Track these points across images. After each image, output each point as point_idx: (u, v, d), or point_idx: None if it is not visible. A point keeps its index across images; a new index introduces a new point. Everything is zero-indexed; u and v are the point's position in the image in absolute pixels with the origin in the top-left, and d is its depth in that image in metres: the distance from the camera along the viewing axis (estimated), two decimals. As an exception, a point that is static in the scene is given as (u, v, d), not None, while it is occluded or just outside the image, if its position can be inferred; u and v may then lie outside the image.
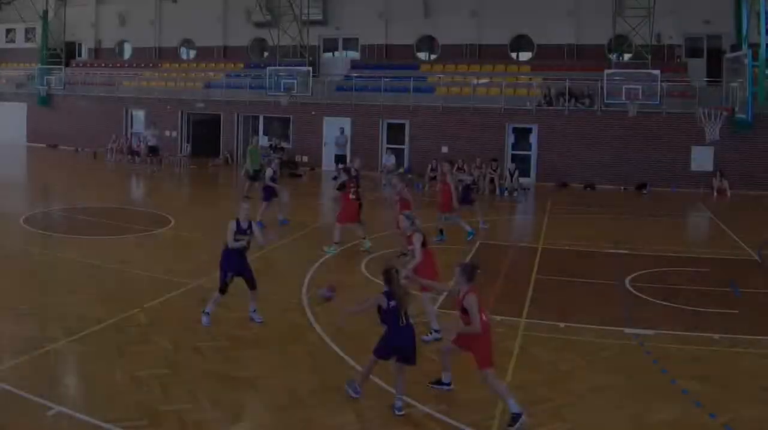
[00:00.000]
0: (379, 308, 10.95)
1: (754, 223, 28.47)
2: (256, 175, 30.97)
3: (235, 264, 14.48)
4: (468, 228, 23.23)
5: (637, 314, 15.92)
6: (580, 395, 11.54)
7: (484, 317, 10.81)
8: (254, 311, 14.88)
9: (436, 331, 13.95)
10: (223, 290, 14.47)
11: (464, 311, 10.85)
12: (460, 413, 10.80)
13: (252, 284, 14.74)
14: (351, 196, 22.02)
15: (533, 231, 23.35)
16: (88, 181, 35.87)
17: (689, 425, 10.58)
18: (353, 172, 22.97)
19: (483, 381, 10.87)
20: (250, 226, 14.69)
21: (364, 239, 21.91)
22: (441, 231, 23.06)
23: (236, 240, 14.36)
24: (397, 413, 10.79)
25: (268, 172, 25.89)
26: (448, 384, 11.67)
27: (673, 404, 11.24)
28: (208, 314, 14.47)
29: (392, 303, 10.87)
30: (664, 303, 16.67)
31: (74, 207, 28.45)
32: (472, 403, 11.17)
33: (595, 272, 19.68)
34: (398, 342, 10.89)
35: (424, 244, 14.11)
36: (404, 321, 10.90)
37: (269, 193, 25.43)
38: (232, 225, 14.44)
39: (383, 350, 11.06)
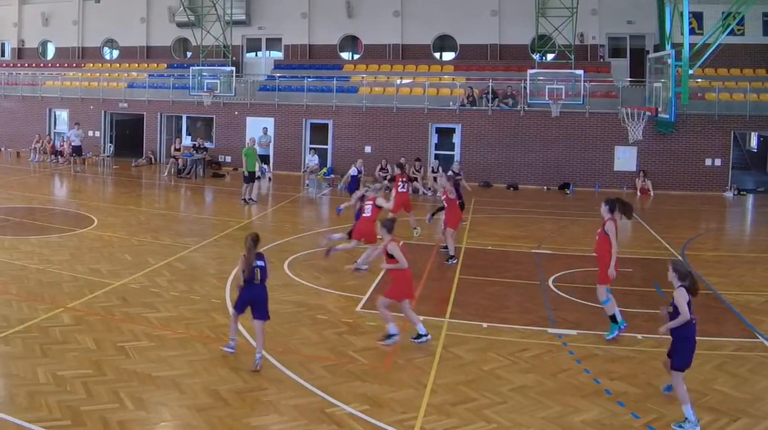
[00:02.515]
0: None
1: (677, 223, 28.97)
2: (251, 177, 30.98)
3: None
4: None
5: (560, 314, 16.15)
6: (503, 396, 11.63)
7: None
8: None
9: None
10: None
11: (389, 256, 14.11)
12: (383, 412, 10.87)
13: None
14: (401, 188, 24.46)
15: (456, 231, 23.40)
16: (11, 182, 35.19)
17: (612, 425, 10.73)
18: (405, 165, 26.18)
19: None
20: None
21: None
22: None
23: None
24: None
25: (353, 170, 27.25)
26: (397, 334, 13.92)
27: (597, 404, 11.40)
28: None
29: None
30: (588, 303, 16.76)
31: (-4, 207, 27.96)
32: (395, 403, 11.23)
33: (519, 272, 19.83)
34: None
35: None
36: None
37: (355, 188, 25.96)
38: None
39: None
